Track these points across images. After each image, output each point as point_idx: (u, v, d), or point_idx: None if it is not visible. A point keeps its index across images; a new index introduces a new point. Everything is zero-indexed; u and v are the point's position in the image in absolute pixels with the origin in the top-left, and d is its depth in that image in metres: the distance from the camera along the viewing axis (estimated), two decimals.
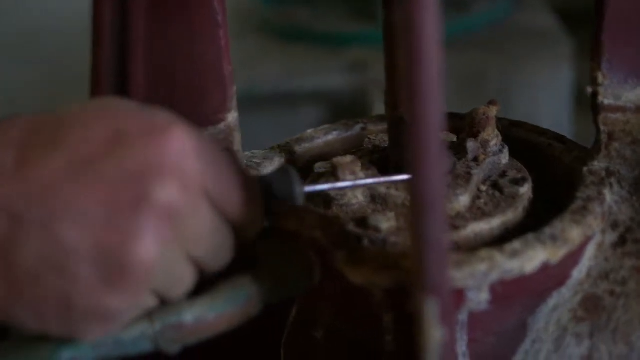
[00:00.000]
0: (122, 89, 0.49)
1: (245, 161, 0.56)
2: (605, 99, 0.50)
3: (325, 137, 0.60)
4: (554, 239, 0.45)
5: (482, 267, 0.43)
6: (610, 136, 0.51)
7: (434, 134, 0.35)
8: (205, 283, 0.42)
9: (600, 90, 0.50)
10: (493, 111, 0.53)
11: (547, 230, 0.45)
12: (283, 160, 0.59)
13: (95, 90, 0.46)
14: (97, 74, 0.45)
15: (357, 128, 0.59)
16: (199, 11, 0.48)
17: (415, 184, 0.36)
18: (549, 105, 1.49)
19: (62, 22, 1.71)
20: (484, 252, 0.44)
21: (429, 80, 0.34)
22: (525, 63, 1.51)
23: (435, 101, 0.34)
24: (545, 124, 0.58)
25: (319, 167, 0.54)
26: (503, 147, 0.53)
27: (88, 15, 0.45)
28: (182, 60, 0.50)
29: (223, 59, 0.50)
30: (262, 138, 0.75)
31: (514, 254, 0.44)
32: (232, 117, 0.52)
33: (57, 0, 1.77)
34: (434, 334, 0.36)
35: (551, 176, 0.55)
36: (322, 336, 0.50)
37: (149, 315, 0.40)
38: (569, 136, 0.56)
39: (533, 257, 0.44)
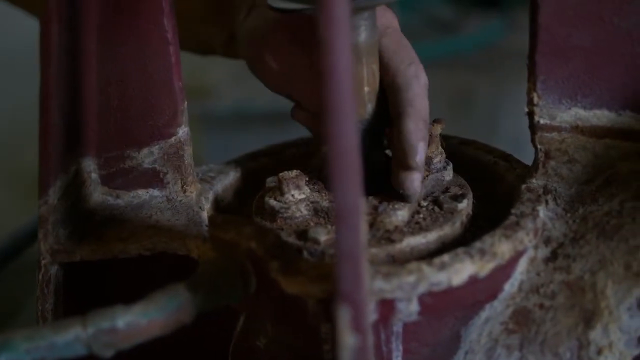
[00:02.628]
0: (74, 105, 0.51)
1: (200, 175, 0.58)
2: (541, 119, 0.52)
3: (282, 152, 0.62)
4: (482, 253, 0.46)
5: (410, 278, 0.45)
6: (547, 155, 0.52)
7: (348, 149, 0.36)
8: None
9: (536, 110, 0.51)
10: (437, 129, 0.55)
11: (477, 245, 0.47)
12: (238, 174, 0.61)
13: (44, 106, 0.47)
14: (46, 91, 0.47)
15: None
16: (148, 29, 0.50)
17: (334, 196, 0.38)
18: None
19: None
20: (412, 265, 0.45)
21: (342, 97, 0.36)
22: (514, 85, 1.52)
23: (348, 118, 0.36)
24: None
25: (270, 181, 0.56)
26: (447, 164, 0.55)
27: None
28: (133, 76, 0.52)
29: (173, 75, 0.52)
30: None
31: (442, 267, 0.45)
32: (183, 131, 0.54)
33: None
34: (346, 340, 0.38)
35: (495, 193, 0.56)
36: (265, 345, 0.52)
37: (83, 319, 0.42)
38: None
39: (460, 270, 0.45)
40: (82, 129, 0.52)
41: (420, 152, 0.50)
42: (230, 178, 0.60)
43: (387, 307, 0.45)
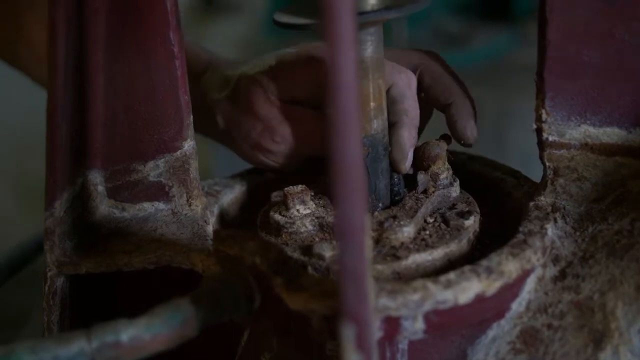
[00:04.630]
0: (81, 118, 0.51)
1: (206, 188, 0.58)
2: (550, 136, 0.51)
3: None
4: (489, 271, 0.46)
5: (415, 296, 0.44)
6: (556, 172, 0.52)
7: (352, 166, 0.36)
8: None
9: (545, 127, 0.51)
10: (444, 145, 0.55)
11: (484, 263, 0.46)
12: (244, 188, 0.60)
13: (51, 119, 0.47)
14: (53, 104, 0.47)
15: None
16: (155, 43, 0.50)
17: (337, 213, 0.38)
18: None
19: None
20: (418, 282, 0.45)
21: (347, 116, 0.35)
22: (522, 98, 1.52)
23: (353, 136, 0.36)
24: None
25: (275, 195, 0.55)
26: (454, 181, 0.55)
27: None
28: (140, 91, 0.52)
29: (179, 89, 0.52)
30: None
31: (448, 285, 0.45)
32: (189, 145, 0.54)
33: None
34: (350, 358, 0.37)
35: (503, 210, 0.56)
36: None
37: (87, 333, 0.41)
38: None
39: (467, 288, 0.45)
40: (89, 142, 0.52)
41: (410, 158, 0.55)
42: (235, 192, 0.59)
43: (392, 324, 0.45)
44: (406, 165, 0.54)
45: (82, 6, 0.47)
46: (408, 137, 0.54)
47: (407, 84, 0.55)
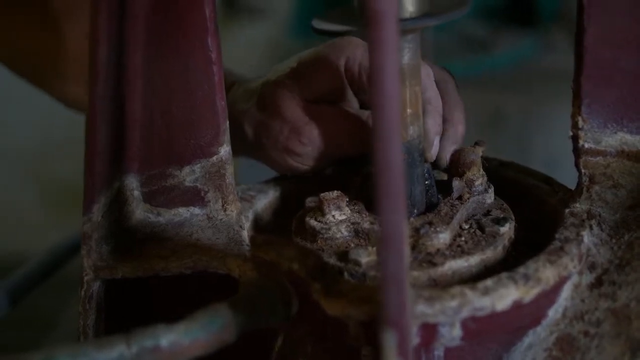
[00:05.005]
0: (119, 122, 0.51)
1: (240, 194, 0.58)
2: (586, 143, 0.51)
3: (321, 171, 0.62)
4: (526, 278, 0.46)
5: (453, 303, 0.44)
6: (591, 179, 0.52)
7: (394, 172, 0.36)
8: None
9: (581, 134, 0.51)
10: (479, 152, 0.55)
11: (521, 270, 0.46)
12: (278, 193, 0.61)
13: (91, 123, 0.48)
14: (93, 109, 0.47)
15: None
16: (193, 48, 0.51)
17: (379, 221, 0.38)
18: (568, 146, 1.49)
19: None
20: (455, 289, 0.45)
21: (390, 124, 0.36)
22: (546, 104, 1.52)
23: (395, 144, 0.36)
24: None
25: (310, 201, 0.56)
26: (488, 187, 0.55)
27: None
28: (177, 96, 0.52)
29: (216, 94, 0.52)
30: None
31: (486, 292, 0.45)
32: (225, 150, 0.54)
33: None
34: None
35: (537, 217, 0.56)
36: None
37: (127, 337, 0.42)
38: None
39: (504, 295, 0.45)
40: (126, 147, 0.52)
41: (436, 145, 0.56)
42: (269, 197, 0.60)
43: (429, 331, 0.45)
44: (432, 153, 0.55)
45: (123, 11, 0.47)
46: (433, 125, 0.55)
47: (426, 74, 0.55)
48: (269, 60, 1.61)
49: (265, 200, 0.59)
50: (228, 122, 0.54)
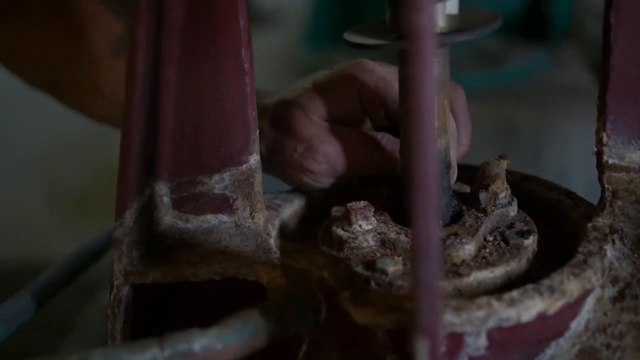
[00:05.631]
0: (152, 131, 0.52)
1: (266, 202, 0.59)
2: (610, 159, 0.52)
3: (346, 182, 0.63)
4: (551, 290, 0.47)
5: (479, 313, 0.45)
6: (614, 194, 0.52)
7: (429, 184, 0.37)
8: None
9: (605, 149, 0.52)
10: (503, 165, 0.55)
11: (546, 282, 0.47)
12: (303, 202, 0.62)
13: (127, 131, 0.49)
14: (129, 117, 0.49)
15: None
16: (227, 59, 0.52)
17: (413, 231, 0.39)
18: (580, 161, 1.50)
19: None
20: (482, 299, 0.46)
21: (426, 135, 0.37)
22: (558, 118, 1.52)
23: (431, 155, 0.37)
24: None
25: (336, 210, 0.57)
26: (512, 200, 0.55)
27: None
28: (209, 105, 0.53)
29: (248, 104, 0.53)
30: None
31: (512, 303, 0.46)
32: (254, 159, 0.55)
33: None
34: None
35: (559, 231, 0.56)
36: None
37: (160, 341, 0.43)
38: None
39: (530, 306, 0.46)
40: (158, 154, 0.53)
41: (454, 169, 0.56)
42: (295, 206, 0.61)
43: (455, 340, 0.46)
44: (452, 178, 0.56)
45: (160, 22, 0.49)
46: (452, 153, 0.55)
47: (462, 100, 0.57)
48: (282, 71, 1.62)
49: (291, 209, 0.60)
50: (258, 132, 0.55)
